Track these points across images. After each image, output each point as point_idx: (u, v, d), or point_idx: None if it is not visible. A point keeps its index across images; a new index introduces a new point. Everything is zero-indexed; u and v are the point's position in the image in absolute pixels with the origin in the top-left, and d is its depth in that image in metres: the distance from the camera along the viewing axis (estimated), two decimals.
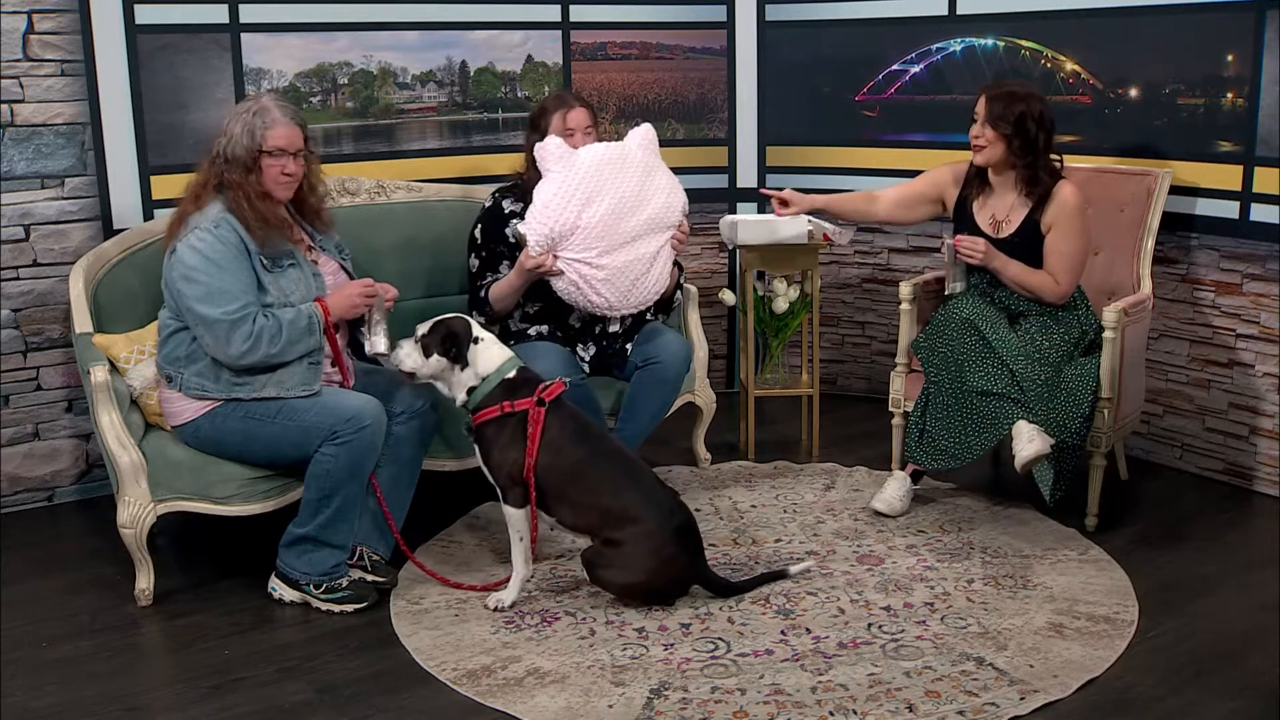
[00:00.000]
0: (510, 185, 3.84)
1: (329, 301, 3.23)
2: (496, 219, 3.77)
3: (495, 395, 3.18)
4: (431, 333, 3.20)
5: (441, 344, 3.18)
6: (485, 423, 3.18)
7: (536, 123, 3.80)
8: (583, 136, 3.75)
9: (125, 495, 3.18)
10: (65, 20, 3.79)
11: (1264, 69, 3.76)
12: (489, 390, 3.19)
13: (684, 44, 4.89)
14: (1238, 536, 3.67)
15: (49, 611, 3.24)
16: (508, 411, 3.17)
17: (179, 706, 2.79)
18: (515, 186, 3.82)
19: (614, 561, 3.14)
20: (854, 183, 4.84)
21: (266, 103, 3.18)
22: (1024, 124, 3.55)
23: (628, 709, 2.71)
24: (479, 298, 3.73)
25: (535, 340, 3.76)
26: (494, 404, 3.18)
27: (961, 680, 2.81)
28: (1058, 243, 3.61)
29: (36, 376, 3.92)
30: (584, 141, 3.75)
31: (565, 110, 3.75)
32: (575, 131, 3.74)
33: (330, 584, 3.21)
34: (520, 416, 3.16)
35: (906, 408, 3.87)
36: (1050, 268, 3.62)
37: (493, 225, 3.76)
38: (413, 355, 3.21)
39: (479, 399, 3.19)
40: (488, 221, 3.78)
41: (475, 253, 3.78)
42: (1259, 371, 3.95)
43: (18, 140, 3.78)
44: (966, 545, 3.55)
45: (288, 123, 3.18)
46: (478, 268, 3.77)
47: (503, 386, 3.19)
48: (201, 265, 3.08)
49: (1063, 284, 3.61)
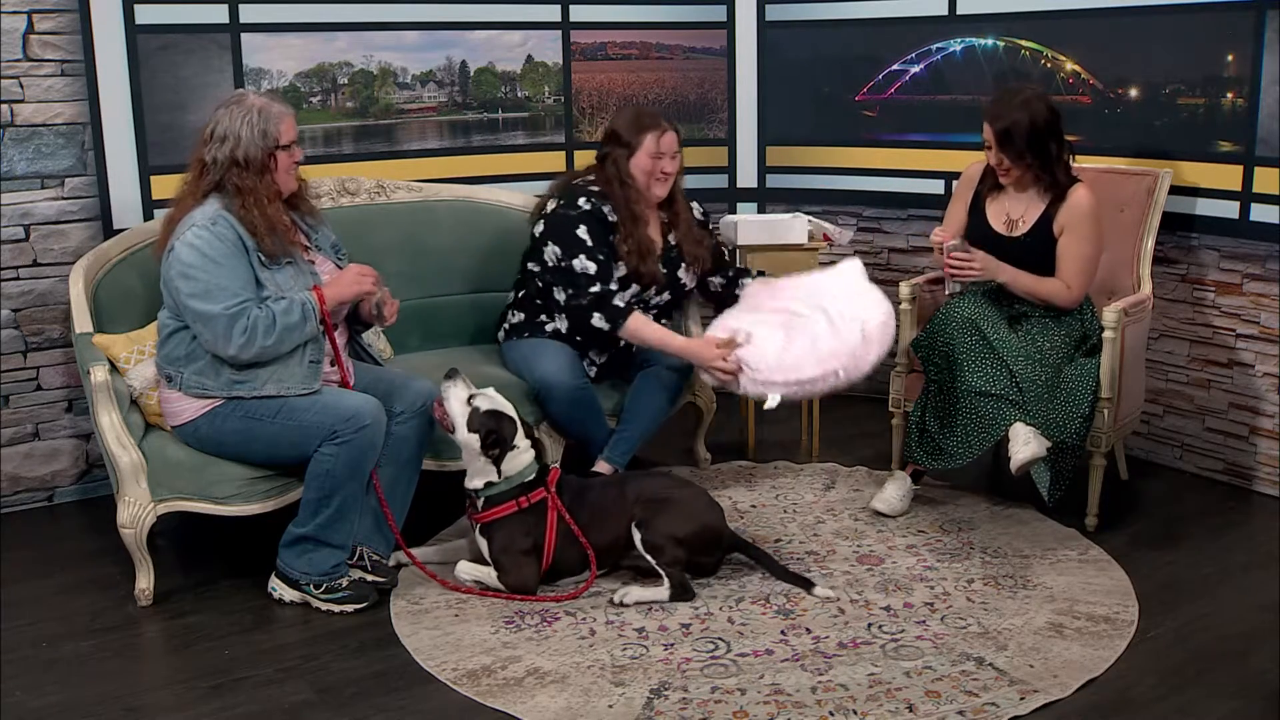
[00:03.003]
0: (599, 192, 3.74)
1: (326, 289, 3.22)
2: (604, 225, 3.71)
3: (509, 494, 3.25)
4: (487, 418, 3.24)
5: (485, 436, 3.21)
6: (496, 520, 3.24)
7: (621, 138, 3.75)
8: (670, 162, 3.75)
9: (125, 495, 3.18)
10: (65, 20, 3.79)
11: (1264, 69, 3.76)
12: (504, 490, 3.24)
13: (684, 44, 4.88)
14: (1238, 536, 3.67)
15: (49, 611, 3.24)
16: (523, 507, 3.24)
17: (179, 706, 2.79)
18: (603, 194, 3.74)
19: (668, 511, 3.22)
20: (854, 182, 4.85)
21: (258, 100, 3.17)
22: (1036, 140, 3.54)
23: (628, 709, 2.71)
24: (613, 306, 3.66)
25: (549, 337, 3.76)
26: (507, 501, 3.24)
27: (961, 680, 2.81)
28: (1069, 247, 3.60)
29: (36, 376, 3.92)
30: (672, 168, 3.75)
31: (660, 133, 3.73)
32: (665, 155, 3.74)
33: (330, 584, 3.21)
34: (534, 509, 3.25)
35: (906, 408, 3.87)
36: (1062, 273, 3.61)
37: (599, 230, 3.70)
38: (457, 407, 3.25)
39: (492, 494, 3.25)
40: (594, 225, 3.70)
41: (587, 254, 3.67)
42: (1259, 371, 3.95)
43: (18, 140, 3.78)
44: (966, 545, 3.55)
45: (289, 113, 3.21)
46: (597, 270, 3.67)
47: (519, 487, 3.26)
48: (199, 262, 3.08)
49: (1074, 289, 3.61)
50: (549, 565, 3.26)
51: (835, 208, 4.90)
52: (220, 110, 3.19)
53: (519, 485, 3.25)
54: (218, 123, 3.16)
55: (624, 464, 3.77)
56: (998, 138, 3.57)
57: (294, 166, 3.23)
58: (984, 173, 3.79)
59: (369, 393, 3.25)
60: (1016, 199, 3.70)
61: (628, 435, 3.77)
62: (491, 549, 3.25)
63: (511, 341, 3.84)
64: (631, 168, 3.74)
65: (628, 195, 3.74)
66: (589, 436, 3.76)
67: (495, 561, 3.24)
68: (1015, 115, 3.53)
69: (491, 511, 3.24)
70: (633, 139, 3.74)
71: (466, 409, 3.24)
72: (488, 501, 3.25)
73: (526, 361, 3.70)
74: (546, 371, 3.63)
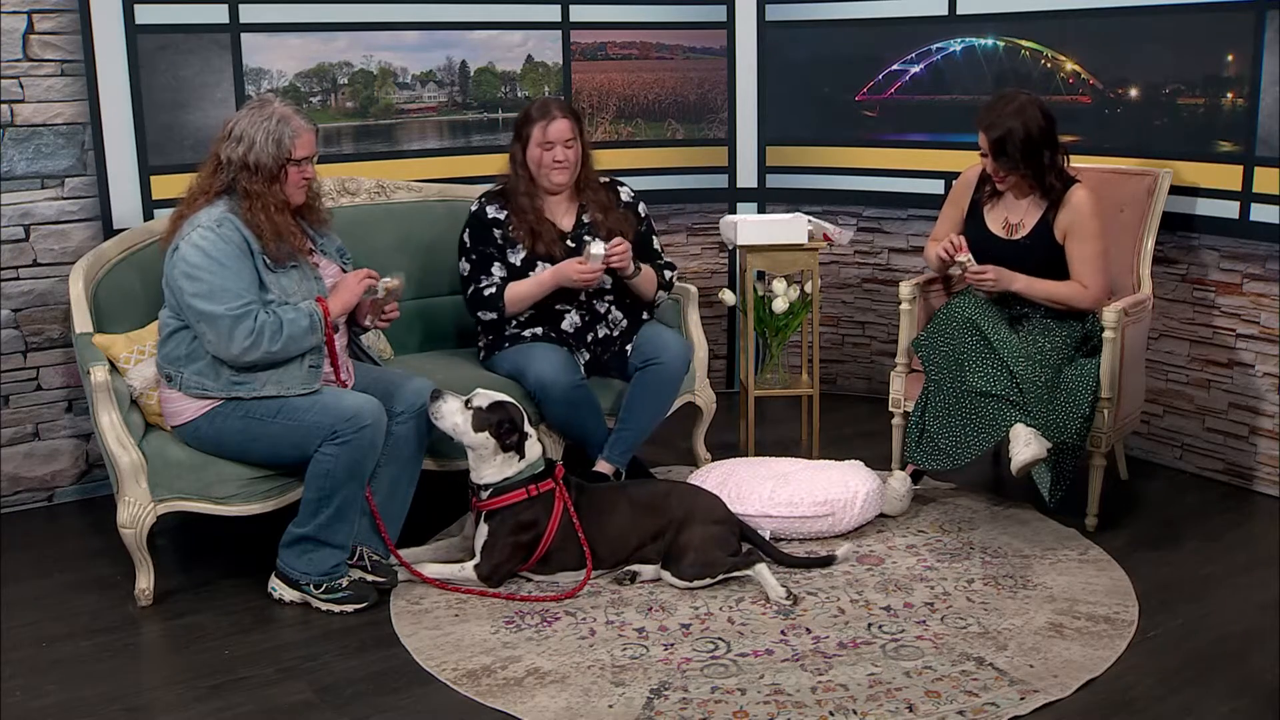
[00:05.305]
0: (497, 191, 3.84)
1: (330, 301, 3.23)
2: (482, 224, 3.77)
3: (519, 483, 3.27)
4: (491, 412, 3.24)
5: (498, 428, 3.22)
6: (502, 507, 3.25)
7: (519, 130, 3.79)
8: (563, 150, 3.73)
9: (125, 495, 3.18)
10: (65, 20, 3.79)
11: (1264, 69, 3.76)
12: (515, 479, 3.26)
13: (684, 44, 4.88)
14: (1238, 536, 3.67)
15: (49, 611, 3.24)
16: (532, 496, 3.25)
17: (179, 706, 2.79)
18: (501, 192, 3.82)
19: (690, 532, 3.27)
20: (854, 182, 4.85)
21: (284, 109, 3.18)
22: (1030, 149, 3.54)
23: (628, 709, 2.71)
24: (485, 297, 3.72)
25: (532, 342, 3.76)
26: (517, 489, 3.25)
27: (961, 680, 2.81)
28: (1078, 249, 3.61)
29: (36, 376, 3.92)
30: (564, 156, 3.73)
31: (546, 122, 3.72)
32: (555, 144, 3.73)
33: (330, 584, 3.21)
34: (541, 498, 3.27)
35: (906, 408, 3.87)
36: (1077, 275, 3.62)
37: (479, 230, 3.77)
38: (457, 418, 3.24)
39: (504, 484, 3.26)
40: (475, 227, 3.79)
41: (465, 257, 3.79)
42: (1259, 371, 3.95)
43: (18, 140, 3.78)
44: (966, 545, 3.55)
45: (310, 129, 3.20)
46: (469, 271, 3.77)
47: (530, 477, 3.28)
48: (204, 263, 3.08)
49: (1092, 288, 3.61)
50: (540, 556, 3.26)
51: (835, 208, 4.90)
52: (243, 110, 3.22)
53: (529, 476, 3.27)
54: (237, 122, 3.17)
55: (624, 464, 3.77)
56: (992, 147, 3.57)
57: (304, 182, 3.23)
58: (981, 178, 3.79)
59: (369, 393, 3.25)
60: (1015, 204, 3.71)
61: (626, 435, 3.76)
62: (487, 536, 3.25)
63: (495, 355, 3.81)
64: (528, 159, 3.76)
65: (521, 185, 3.76)
66: (587, 436, 3.76)
67: (483, 547, 3.24)
68: (1009, 124, 3.53)
69: (500, 499, 3.25)
70: (523, 130, 3.77)
71: (468, 414, 3.24)
72: (496, 490, 3.26)
73: (519, 366, 3.69)
74: (541, 371, 3.63)
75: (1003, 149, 3.56)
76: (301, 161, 3.18)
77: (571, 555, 3.28)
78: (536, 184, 3.78)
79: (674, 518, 3.29)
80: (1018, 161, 3.57)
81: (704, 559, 3.23)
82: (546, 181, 3.77)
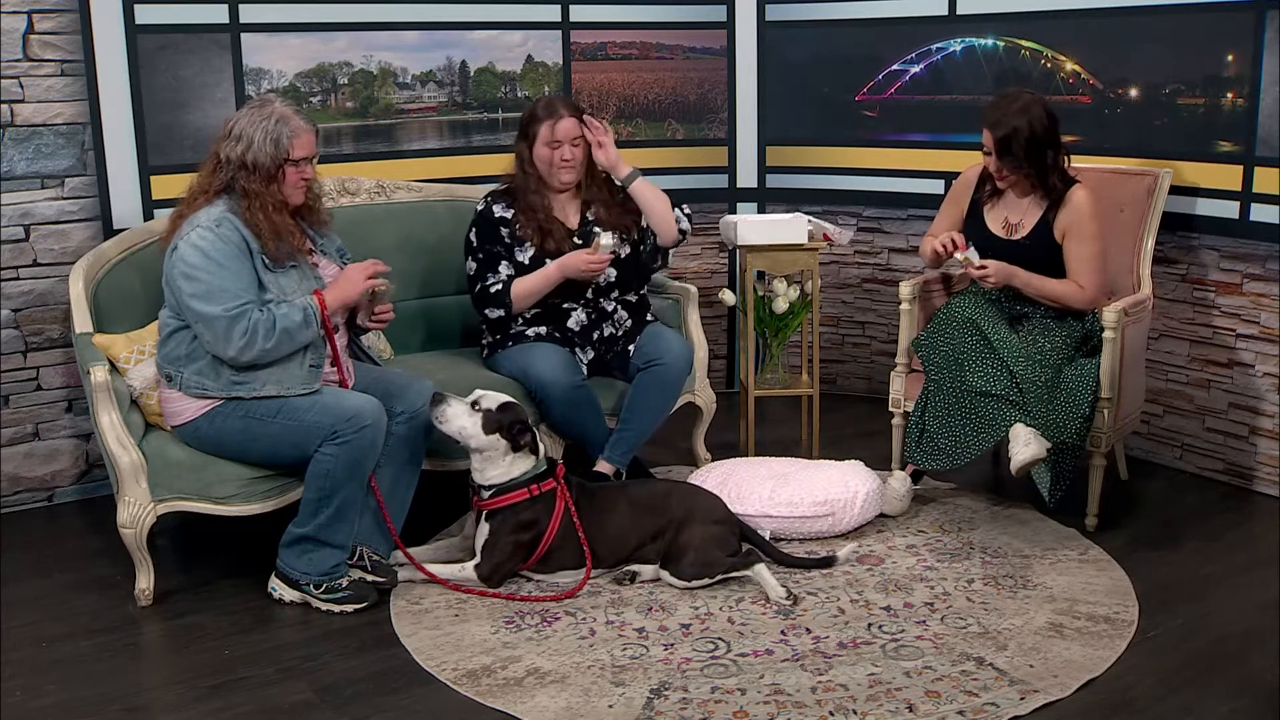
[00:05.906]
0: (503, 190, 3.84)
1: (327, 293, 3.22)
2: (490, 223, 3.78)
3: (522, 483, 3.27)
4: (502, 413, 3.25)
5: (510, 428, 3.23)
6: (504, 506, 3.25)
7: (525, 130, 3.80)
8: (570, 149, 3.75)
9: (125, 495, 3.18)
10: (65, 20, 3.79)
11: (1264, 69, 3.76)
12: (518, 479, 3.27)
13: (684, 44, 4.88)
14: (1238, 536, 3.67)
15: (49, 611, 3.24)
16: (534, 495, 3.25)
17: (179, 706, 2.79)
18: (507, 191, 3.82)
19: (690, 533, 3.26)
20: (854, 182, 4.85)
21: (284, 109, 3.17)
22: (1035, 148, 3.55)
23: (628, 709, 2.71)
24: (491, 294, 3.73)
25: (535, 341, 3.76)
26: (519, 489, 3.25)
27: (961, 680, 2.81)
28: (1076, 249, 3.61)
29: (36, 376, 3.92)
30: (572, 154, 3.75)
31: (554, 121, 3.73)
32: (563, 144, 3.74)
33: (330, 584, 3.21)
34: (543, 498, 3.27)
35: (906, 408, 3.87)
36: (1073, 275, 3.62)
37: (486, 229, 3.78)
38: (464, 421, 3.24)
39: (507, 484, 3.26)
40: (481, 226, 3.79)
41: (471, 256, 3.79)
42: (1259, 371, 3.95)
43: (18, 140, 3.78)
44: (966, 545, 3.55)
45: (309, 129, 3.20)
46: (476, 269, 3.77)
47: (533, 477, 3.29)
48: (202, 263, 3.08)
49: (1088, 288, 3.61)
50: (540, 555, 3.26)
51: (835, 208, 4.90)
52: (243, 109, 3.22)
53: (531, 475, 3.27)
54: (237, 121, 3.17)
55: (625, 464, 3.77)
56: (997, 145, 3.57)
57: (303, 182, 3.22)
58: (982, 178, 3.79)
59: (369, 393, 3.25)
60: (1015, 204, 3.71)
61: (627, 435, 3.76)
62: (488, 536, 3.25)
63: (498, 354, 3.81)
64: (535, 158, 3.77)
65: (529, 184, 3.77)
66: (588, 436, 3.76)
67: (483, 546, 3.24)
68: (1015, 122, 3.53)
69: (502, 498, 3.25)
70: (530, 129, 3.77)
71: (476, 415, 3.24)
72: (498, 490, 3.26)
73: (520, 366, 3.69)
74: (542, 372, 3.63)
75: (1008, 148, 3.56)
76: (300, 162, 3.18)
77: (571, 555, 3.28)
78: (544, 182, 3.79)
79: (674, 518, 3.30)
80: (1022, 160, 3.57)
81: (703, 559, 3.23)
82: (554, 180, 3.78)
